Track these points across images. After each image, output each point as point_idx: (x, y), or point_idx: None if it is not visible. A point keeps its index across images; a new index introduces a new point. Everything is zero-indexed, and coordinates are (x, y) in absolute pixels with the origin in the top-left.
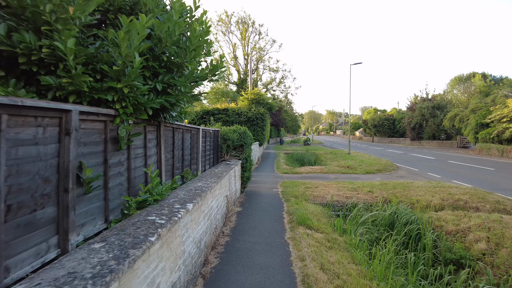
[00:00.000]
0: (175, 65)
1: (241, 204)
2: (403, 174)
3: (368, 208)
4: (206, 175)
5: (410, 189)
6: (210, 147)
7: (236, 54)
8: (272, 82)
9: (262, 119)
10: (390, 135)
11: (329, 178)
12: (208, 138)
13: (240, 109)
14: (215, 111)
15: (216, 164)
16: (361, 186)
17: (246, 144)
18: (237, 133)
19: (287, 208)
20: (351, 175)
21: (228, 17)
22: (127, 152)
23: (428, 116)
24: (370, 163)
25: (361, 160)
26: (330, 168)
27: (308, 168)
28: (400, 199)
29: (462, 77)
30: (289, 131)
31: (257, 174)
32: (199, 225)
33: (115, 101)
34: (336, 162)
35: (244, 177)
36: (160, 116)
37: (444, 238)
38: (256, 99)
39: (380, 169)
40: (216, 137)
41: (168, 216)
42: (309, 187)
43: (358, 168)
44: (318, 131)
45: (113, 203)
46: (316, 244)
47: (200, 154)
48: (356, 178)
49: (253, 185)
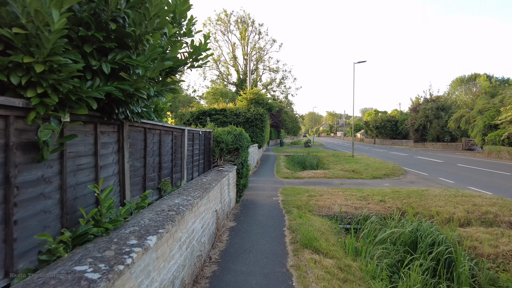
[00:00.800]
0: (131, 38)
1: (236, 217)
2: (413, 179)
3: (381, 221)
4: (191, 186)
5: (427, 198)
6: (200, 151)
7: (235, 54)
8: (272, 83)
9: (261, 120)
10: (392, 137)
11: (334, 184)
12: (197, 141)
13: (239, 109)
14: (212, 111)
15: (207, 170)
16: (371, 194)
17: (242, 147)
18: (231, 134)
19: (289, 222)
20: (357, 180)
21: (227, 16)
22: (59, 164)
23: (432, 118)
24: (376, 167)
25: (366, 163)
26: (334, 172)
27: (310, 173)
28: (417, 210)
29: (463, 78)
30: (289, 133)
31: (256, 179)
32: (171, 261)
33: (24, 86)
34: (339, 166)
35: (240, 184)
36: (116, 112)
37: (484, 266)
38: (255, 99)
39: (388, 174)
40: (208, 139)
41: (110, 262)
42: (313, 195)
43: (364, 172)
44: (318, 133)
45: (27, 243)
46: (327, 277)
47: (185, 160)
48: (363, 184)
49: (251, 192)
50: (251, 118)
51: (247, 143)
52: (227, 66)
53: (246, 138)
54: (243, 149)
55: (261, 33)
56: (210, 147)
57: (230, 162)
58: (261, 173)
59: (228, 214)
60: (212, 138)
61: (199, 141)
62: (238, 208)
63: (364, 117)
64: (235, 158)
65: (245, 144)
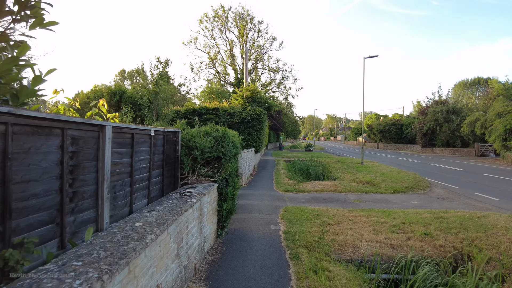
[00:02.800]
0: None
1: (211, 268)
2: (443, 194)
3: (439, 273)
4: (95, 246)
5: (494, 232)
6: (153, 164)
7: (233, 53)
8: (272, 83)
9: (259, 121)
10: (397, 141)
11: (349, 201)
12: (145, 147)
13: (233, 108)
14: (203, 110)
15: (168, 193)
16: (407, 222)
17: (227, 156)
18: (210, 137)
19: (297, 283)
20: (376, 195)
21: (225, 13)
22: None
23: (443, 121)
24: (394, 177)
25: (381, 173)
26: (345, 184)
27: (317, 184)
28: (488, 254)
29: (466, 82)
30: (289, 136)
31: (250, 192)
32: None
33: None
34: (349, 175)
35: (223, 210)
36: None
37: None
38: (253, 97)
39: (410, 187)
40: (171, 144)
41: None
42: (326, 223)
43: (382, 184)
44: (318, 136)
45: None
46: None
47: (106, 184)
48: (386, 202)
49: (241, 216)
50: (247, 119)
51: (235, 149)
52: (225, 65)
53: (233, 141)
54: (228, 158)
55: (260, 31)
56: (176, 156)
57: (208, 178)
58: (257, 184)
59: (197, 269)
60: (180, 142)
61: (153, 148)
62: (219, 248)
63: (364, 121)
64: (215, 171)
65: (231, 150)
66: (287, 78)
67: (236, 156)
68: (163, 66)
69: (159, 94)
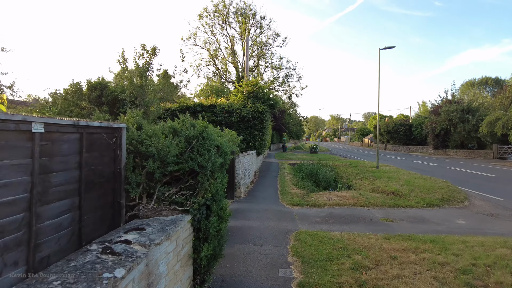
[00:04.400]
0: None
1: None
2: (489, 208)
3: None
4: None
5: None
6: (37, 191)
7: (234, 50)
8: (275, 82)
9: (261, 119)
10: (406, 143)
11: (376, 220)
12: (18, 158)
13: (232, 105)
14: (197, 107)
15: (91, 240)
16: (480, 264)
17: (206, 169)
18: (180, 137)
19: None
20: (406, 210)
21: (226, 8)
22: None
23: (457, 121)
24: (421, 186)
25: (405, 180)
26: (366, 195)
27: (332, 196)
28: None
29: (474, 82)
30: (293, 137)
31: (249, 207)
32: None
33: None
34: (367, 183)
35: (201, 258)
36: None
37: None
38: (254, 93)
39: (445, 199)
40: (108, 149)
41: None
42: (360, 264)
43: (410, 195)
44: (321, 137)
45: None
46: None
47: None
48: (422, 220)
49: (234, 249)
50: (247, 117)
51: (223, 157)
52: (225, 63)
53: (218, 144)
54: (210, 172)
55: (263, 27)
56: (116, 171)
57: (175, 206)
58: (259, 195)
59: None
60: (126, 145)
61: (43, 159)
62: None
63: (368, 122)
64: (188, 194)
65: (215, 159)
66: (291, 76)
67: (224, 167)
68: (150, 55)
69: (144, 87)
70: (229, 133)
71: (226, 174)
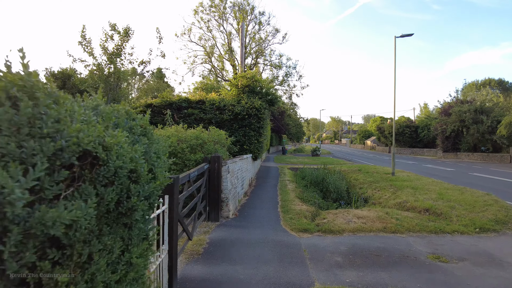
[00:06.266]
0: None
1: None
2: None
3: None
4: None
5: None
6: None
7: (231, 47)
8: (274, 81)
9: (258, 117)
10: (412, 145)
11: (422, 260)
12: None
13: (224, 101)
14: (183, 103)
15: None
16: None
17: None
18: None
19: None
20: (454, 237)
21: (223, 2)
22: None
23: (470, 122)
24: (461, 200)
25: (437, 192)
26: (395, 215)
27: (351, 217)
28: None
29: (477, 83)
30: (292, 139)
31: (238, 236)
32: None
33: None
34: (387, 194)
35: None
36: None
37: None
38: (250, 87)
39: (501, 220)
40: None
41: None
42: None
43: (453, 215)
44: (321, 140)
45: None
46: None
47: None
48: (493, 260)
49: None
50: (242, 114)
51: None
52: (222, 60)
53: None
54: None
55: (262, 23)
56: None
57: None
58: (254, 213)
59: None
60: None
61: None
62: None
63: (368, 124)
64: None
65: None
66: (291, 74)
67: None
68: (122, 37)
69: (113, 75)
70: (215, 133)
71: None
